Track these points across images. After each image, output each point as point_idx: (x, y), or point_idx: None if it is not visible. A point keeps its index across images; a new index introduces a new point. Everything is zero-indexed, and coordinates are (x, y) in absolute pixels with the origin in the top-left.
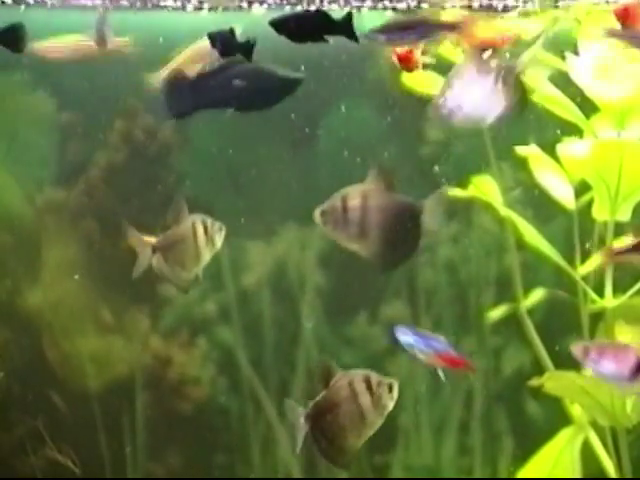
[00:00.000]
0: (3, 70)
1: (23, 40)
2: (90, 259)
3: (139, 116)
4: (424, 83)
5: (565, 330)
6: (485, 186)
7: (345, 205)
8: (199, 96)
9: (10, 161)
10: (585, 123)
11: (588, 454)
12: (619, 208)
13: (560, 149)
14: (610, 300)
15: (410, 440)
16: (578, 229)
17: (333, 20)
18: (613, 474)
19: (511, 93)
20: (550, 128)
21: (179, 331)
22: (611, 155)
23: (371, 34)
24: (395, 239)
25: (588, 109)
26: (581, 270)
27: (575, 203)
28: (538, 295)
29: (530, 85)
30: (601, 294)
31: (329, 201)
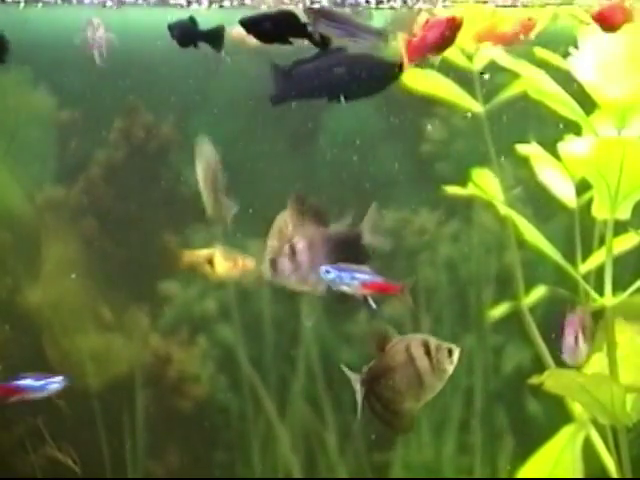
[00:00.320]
0: (3, 68)
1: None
2: (90, 257)
3: (139, 114)
4: (424, 83)
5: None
6: (486, 183)
7: (293, 250)
8: (295, 85)
9: (10, 159)
10: (586, 121)
11: (589, 452)
12: (619, 206)
13: (561, 147)
14: (610, 298)
15: (410, 438)
16: (579, 227)
17: (301, 22)
18: (614, 472)
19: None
20: (551, 126)
21: (179, 329)
22: (612, 153)
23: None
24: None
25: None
26: (582, 268)
27: (576, 201)
28: (539, 293)
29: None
30: (601, 292)
31: (274, 250)
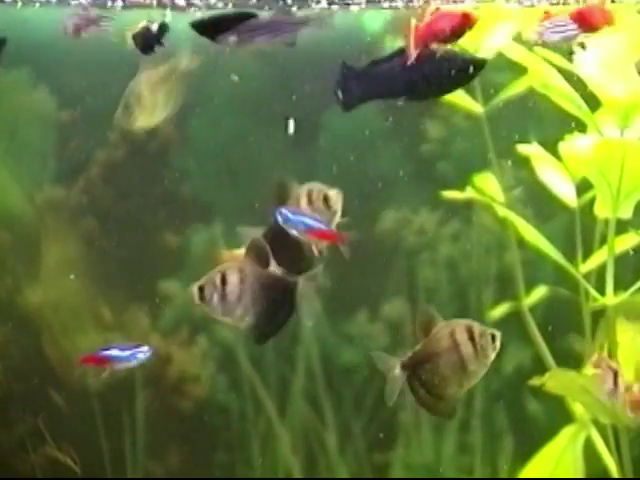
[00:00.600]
0: (3, 68)
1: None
2: (90, 257)
3: None
4: None
5: (566, 328)
6: (486, 184)
7: (224, 281)
8: (372, 86)
9: (10, 159)
10: (590, 118)
11: (590, 452)
12: (621, 206)
13: (562, 147)
14: (611, 298)
15: (410, 438)
16: (580, 227)
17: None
18: (615, 473)
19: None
20: (551, 125)
21: (179, 329)
22: (613, 153)
23: (221, 37)
24: (269, 313)
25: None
26: (582, 268)
27: (577, 201)
28: (540, 293)
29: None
30: (602, 292)
31: (206, 277)
